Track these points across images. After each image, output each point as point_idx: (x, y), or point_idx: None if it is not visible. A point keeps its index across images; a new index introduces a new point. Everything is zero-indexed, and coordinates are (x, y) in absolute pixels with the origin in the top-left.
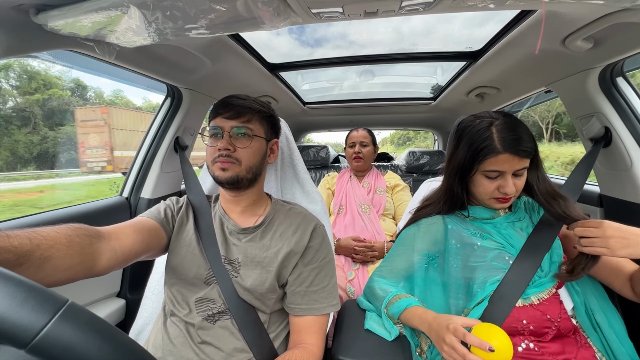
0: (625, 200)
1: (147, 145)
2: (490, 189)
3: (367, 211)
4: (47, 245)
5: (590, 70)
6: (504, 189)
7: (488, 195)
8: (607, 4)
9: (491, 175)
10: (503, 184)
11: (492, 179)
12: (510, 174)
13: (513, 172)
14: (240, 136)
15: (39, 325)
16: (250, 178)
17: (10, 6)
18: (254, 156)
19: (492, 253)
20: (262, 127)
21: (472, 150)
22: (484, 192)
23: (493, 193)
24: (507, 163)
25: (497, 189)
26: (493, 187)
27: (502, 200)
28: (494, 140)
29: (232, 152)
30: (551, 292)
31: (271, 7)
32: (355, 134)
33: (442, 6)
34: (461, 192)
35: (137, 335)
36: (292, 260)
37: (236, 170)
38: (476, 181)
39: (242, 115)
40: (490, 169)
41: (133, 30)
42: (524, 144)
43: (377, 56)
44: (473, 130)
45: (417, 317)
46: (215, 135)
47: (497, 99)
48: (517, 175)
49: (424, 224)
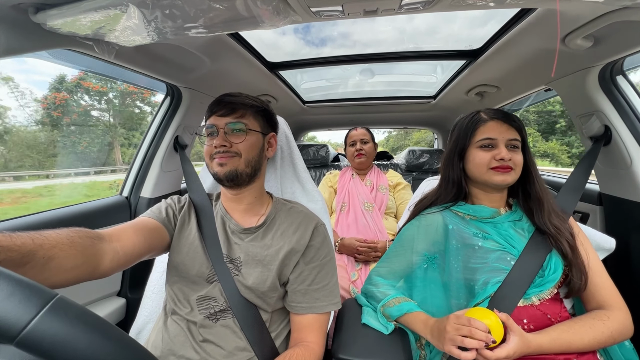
0: (625, 199)
1: (147, 144)
2: (487, 159)
3: (370, 209)
4: (50, 245)
5: (590, 69)
6: (499, 155)
7: (485, 166)
8: (607, 2)
9: (485, 144)
10: (497, 152)
11: (487, 148)
12: (502, 143)
13: (506, 142)
14: (235, 132)
15: (26, 318)
16: (250, 173)
17: (9, 5)
18: (251, 149)
19: (493, 254)
20: (257, 121)
21: (464, 129)
22: (481, 164)
23: (490, 163)
24: (496, 129)
25: (493, 158)
26: (489, 156)
27: (500, 169)
28: (481, 115)
29: (229, 148)
30: (552, 292)
31: (270, 6)
32: (354, 132)
33: (442, 5)
34: (459, 175)
35: (137, 335)
36: (293, 259)
37: (235, 164)
38: (472, 156)
39: (235, 111)
40: (482, 138)
41: (132, 29)
42: (510, 116)
43: (377, 55)
44: (463, 119)
45: (420, 322)
46: (211, 134)
47: (497, 98)
48: (512, 147)
49: (423, 223)
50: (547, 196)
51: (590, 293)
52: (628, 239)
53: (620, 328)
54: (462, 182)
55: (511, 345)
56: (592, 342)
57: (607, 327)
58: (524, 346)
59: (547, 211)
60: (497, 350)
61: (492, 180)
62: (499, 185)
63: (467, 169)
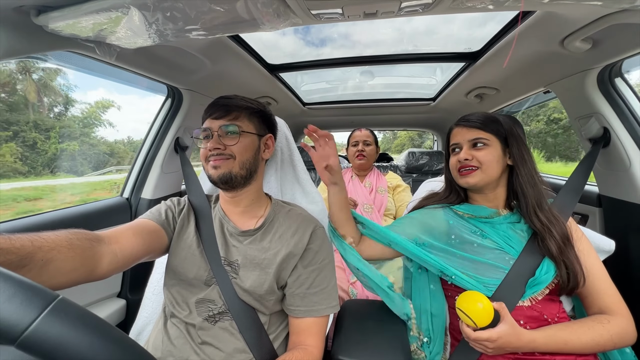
0: (624, 200)
1: (148, 145)
2: (454, 163)
3: (369, 211)
4: (49, 247)
5: (588, 71)
6: (459, 157)
7: (455, 169)
8: (605, 5)
9: (453, 148)
10: (461, 155)
11: (454, 153)
12: (466, 145)
13: (468, 143)
14: (229, 134)
15: (28, 320)
16: (244, 175)
17: (11, 7)
18: (245, 151)
19: (491, 253)
20: (251, 123)
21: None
22: (452, 168)
23: (456, 165)
24: (459, 134)
25: (458, 160)
26: (455, 160)
27: (462, 172)
28: (454, 123)
29: (223, 150)
30: (544, 293)
31: (271, 9)
32: (358, 133)
33: (441, 7)
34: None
35: (137, 336)
36: (291, 262)
37: (229, 166)
38: (450, 162)
39: (229, 114)
40: (451, 144)
41: (133, 32)
42: (472, 118)
43: (377, 57)
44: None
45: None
46: (207, 137)
47: (496, 100)
48: (475, 145)
49: (426, 211)
50: (534, 194)
51: (592, 298)
52: (627, 240)
53: (622, 333)
54: (456, 185)
55: (497, 330)
56: (590, 343)
57: (607, 330)
58: (513, 336)
59: (532, 206)
60: (480, 332)
61: (459, 182)
62: (467, 187)
63: None
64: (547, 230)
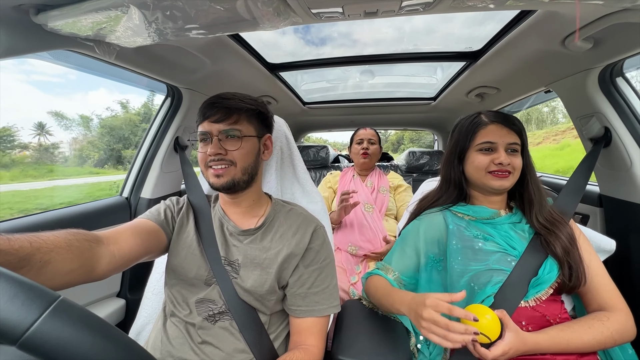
0: (625, 200)
1: (147, 145)
2: (485, 163)
3: (370, 211)
4: (47, 248)
5: (590, 71)
6: (498, 159)
7: (484, 169)
8: (606, 4)
9: (484, 147)
10: (496, 156)
11: (486, 152)
12: (502, 147)
13: (506, 146)
14: (229, 138)
15: (29, 320)
16: (247, 180)
17: (10, 6)
18: (247, 156)
19: (494, 256)
20: (252, 125)
21: (464, 131)
22: (479, 167)
23: (489, 166)
24: (496, 133)
25: (492, 162)
26: (488, 160)
27: (498, 175)
28: (481, 117)
29: (224, 155)
30: (548, 293)
31: (271, 7)
32: (363, 131)
33: (442, 6)
34: (459, 177)
35: (136, 336)
36: (292, 262)
37: (231, 174)
38: (472, 159)
39: (229, 117)
40: (482, 141)
41: (133, 30)
42: (510, 119)
43: (377, 56)
44: (464, 121)
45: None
46: (204, 140)
47: (497, 99)
48: (512, 151)
49: (425, 222)
50: (539, 198)
51: (591, 295)
52: (628, 240)
53: (621, 329)
54: (463, 184)
55: (506, 341)
56: (591, 341)
57: (606, 327)
58: (519, 342)
59: (536, 211)
60: (493, 349)
61: (489, 184)
62: (496, 190)
63: (466, 172)
64: (552, 232)
